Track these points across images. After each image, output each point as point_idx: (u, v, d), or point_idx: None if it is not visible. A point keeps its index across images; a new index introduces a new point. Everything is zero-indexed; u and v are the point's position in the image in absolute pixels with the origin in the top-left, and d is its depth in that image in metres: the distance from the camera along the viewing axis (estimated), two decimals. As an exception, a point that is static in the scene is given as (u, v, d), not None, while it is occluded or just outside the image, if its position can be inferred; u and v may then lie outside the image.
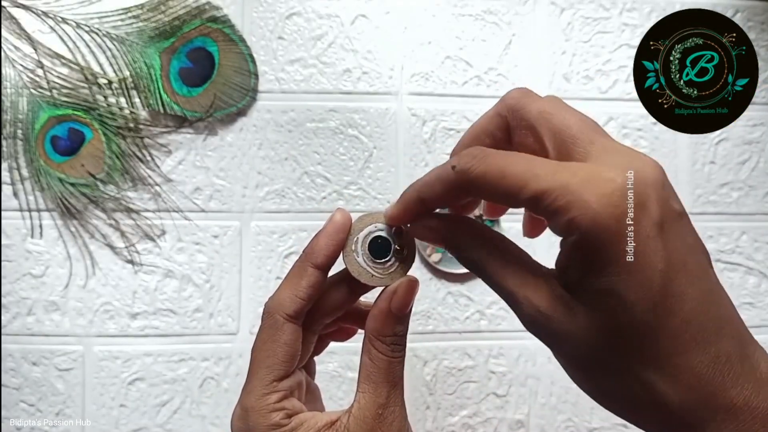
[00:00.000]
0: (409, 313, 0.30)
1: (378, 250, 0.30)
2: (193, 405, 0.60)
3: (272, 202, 0.61)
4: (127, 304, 0.60)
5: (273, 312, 0.29)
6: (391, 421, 0.28)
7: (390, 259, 0.30)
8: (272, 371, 0.29)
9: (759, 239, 0.64)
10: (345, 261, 0.30)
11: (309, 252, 0.30)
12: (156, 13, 0.60)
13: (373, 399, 0.28)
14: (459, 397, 0.61)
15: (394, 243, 0.30)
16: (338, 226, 0.30)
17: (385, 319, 0.29)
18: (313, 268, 0.29)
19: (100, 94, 0.60)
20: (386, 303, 0.29)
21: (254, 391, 0.29)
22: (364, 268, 0.30)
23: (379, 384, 0.28)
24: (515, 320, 0.66)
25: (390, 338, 0.29)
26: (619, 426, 0.62)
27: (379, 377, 0.28)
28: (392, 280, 0.30)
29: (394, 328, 0.29)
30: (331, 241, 0.29)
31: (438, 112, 0.63)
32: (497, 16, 0.64)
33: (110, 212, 0.60)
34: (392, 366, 0.29)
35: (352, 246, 0.30)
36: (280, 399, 0.28)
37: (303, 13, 0.62)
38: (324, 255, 0.29)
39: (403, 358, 0.30)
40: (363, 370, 0.29)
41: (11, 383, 0.59)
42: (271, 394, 0.28)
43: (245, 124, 0.61)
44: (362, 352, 0.29)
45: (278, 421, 0.28)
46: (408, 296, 0.29)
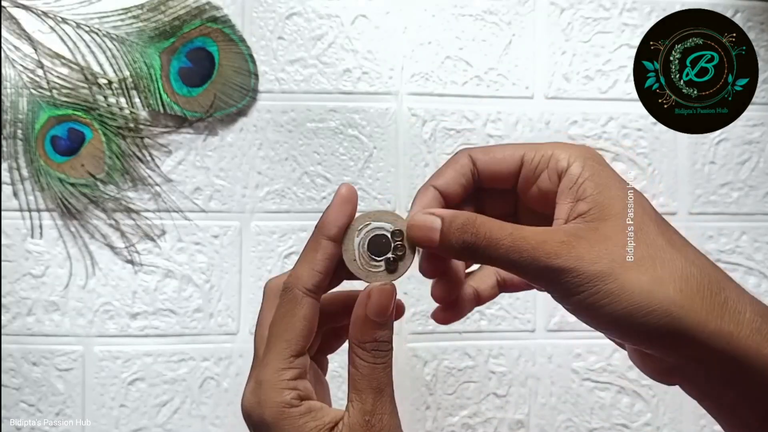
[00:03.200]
0: (390, 317, 0.29)
1: (375, 248, 0.30)
2: (193, 405, 0.60)
3: (272, 202, 0.61)
4: (127, 304, 0.60)
5: (292, 287, 0.29)
6: (380, 429, 0.27)
7: (381, 262, 0.30)
8: (290, 345, 0.28)
9: (759, 239, 0.64)
10: (344, 257, 0.30)
11: (321, 226, 0.30)
12: (156, 14, 0.60)
13: (360, 407, 0.28)
14: (459, 397, 0.61)
15: (392, 244, 0.30)
16: (345, 198, 0.30)
17: (362, 325, 0.28)
18: (327, 240, 0.29)
19: (100, 94, 0.60)
20: (362, 308, 0.28)
21: (271, 364, 0.28)
22: (357, 261, 0.30)
23: (364, 391, 0.28)
24: (515, 320, 0.67)
25: (370, 344, 0.28)
26: (618, 426, 0.62)
27: (363, 384, 0.28)
28: (375, 280, 0.29)
29: (374, 334, 0.28)
30: (340, 213, 0.29)
31: (438, 112, 0.63)
32: (497, 16, 0.64)
33: (110, 212, 0.60)
34: (376, 372, 0.28)
35: (354, 234, 0.30)
36: (295, 377, 0.28)
37: (303, 13, 0.62)
38: (336, 226, 0.29)
39: (389, 364, 0.29)
40: (350, 379, 0.29)
41: (11, 383, 0.59)
42: (287, 370, 0.28)
43: (245, 124, 0.61)
44: (348, 361, 0.29)
45: (290, 400, 0.27)
46: (383, 301, 0.28)
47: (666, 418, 0.62)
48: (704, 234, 0.64)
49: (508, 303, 0.62)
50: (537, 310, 0.62)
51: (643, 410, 0.62)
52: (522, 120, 0.63)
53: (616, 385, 0.62)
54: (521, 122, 0.63)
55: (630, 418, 0.62)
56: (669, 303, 0.25)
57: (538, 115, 0.63)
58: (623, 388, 0.62)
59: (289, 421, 0.27)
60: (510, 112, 0.63)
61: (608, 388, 0.62)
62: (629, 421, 0.62)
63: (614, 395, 0.62)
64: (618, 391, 0.62)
